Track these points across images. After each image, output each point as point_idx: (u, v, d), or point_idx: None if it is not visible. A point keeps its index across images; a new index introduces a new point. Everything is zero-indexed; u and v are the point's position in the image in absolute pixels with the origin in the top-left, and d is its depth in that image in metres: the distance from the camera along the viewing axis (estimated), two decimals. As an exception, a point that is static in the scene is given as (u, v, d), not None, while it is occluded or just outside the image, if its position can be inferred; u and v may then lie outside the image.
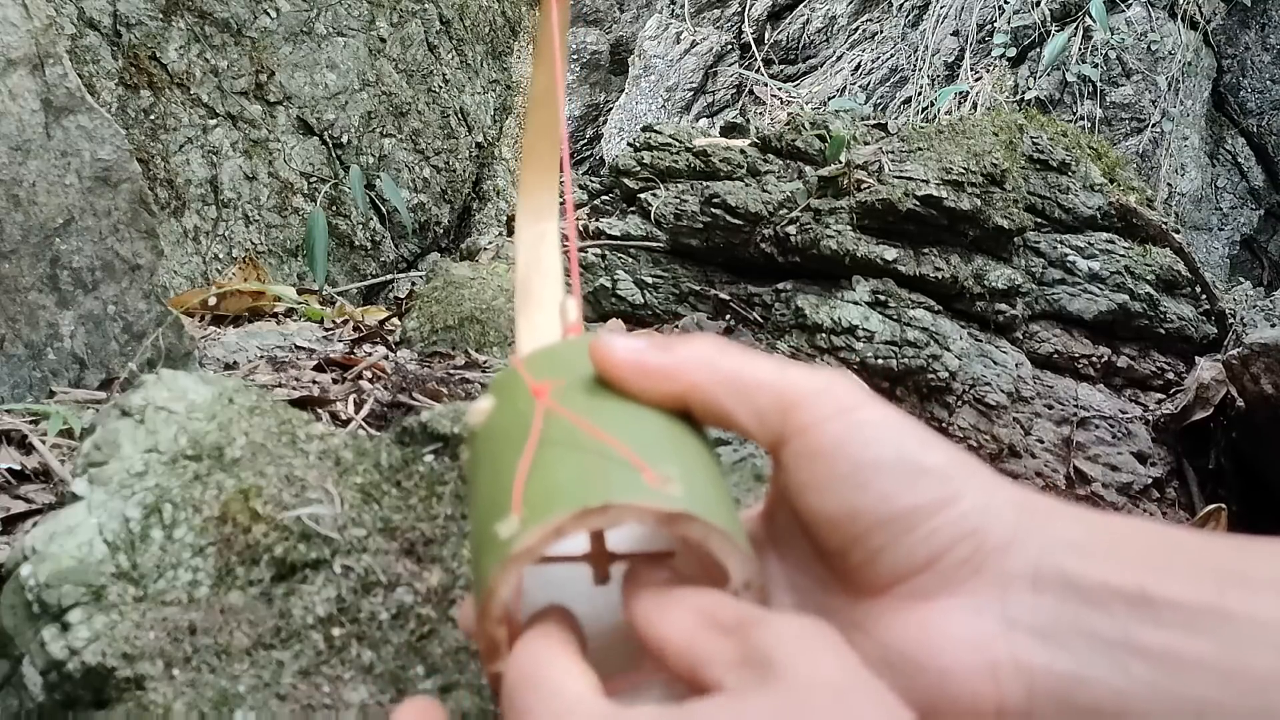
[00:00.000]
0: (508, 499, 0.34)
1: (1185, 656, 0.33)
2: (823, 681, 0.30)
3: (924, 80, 4.96)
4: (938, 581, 0.36)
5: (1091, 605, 0.34)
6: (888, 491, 0.36)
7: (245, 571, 0.58)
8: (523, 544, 0.33)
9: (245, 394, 0.67)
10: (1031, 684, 0.34)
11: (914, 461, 0.36)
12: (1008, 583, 0.35)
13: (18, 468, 0.92)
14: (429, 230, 2.76)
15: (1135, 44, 4.61)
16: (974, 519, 0.36)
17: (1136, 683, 0.33)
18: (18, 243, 1.10)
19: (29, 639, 0.57)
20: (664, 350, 0.37)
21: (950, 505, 0.36)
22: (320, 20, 2.42)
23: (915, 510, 0.36)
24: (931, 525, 0.35)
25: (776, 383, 0.37)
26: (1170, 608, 0.33)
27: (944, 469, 0.36)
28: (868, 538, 0.36)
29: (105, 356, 1.19)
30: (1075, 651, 0.34)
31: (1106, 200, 2.55)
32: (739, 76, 5.52)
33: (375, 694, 0.56)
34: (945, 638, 0.35)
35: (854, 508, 0.36)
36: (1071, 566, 0.35)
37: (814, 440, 0.36)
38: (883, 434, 0.36)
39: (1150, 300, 2.46)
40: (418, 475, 0.64)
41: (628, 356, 0.37)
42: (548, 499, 0.33)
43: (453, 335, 1.56)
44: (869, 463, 0.36)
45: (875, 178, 2.36)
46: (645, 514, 0.33)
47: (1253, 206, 4.90)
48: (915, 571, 0.36)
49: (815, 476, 0.36)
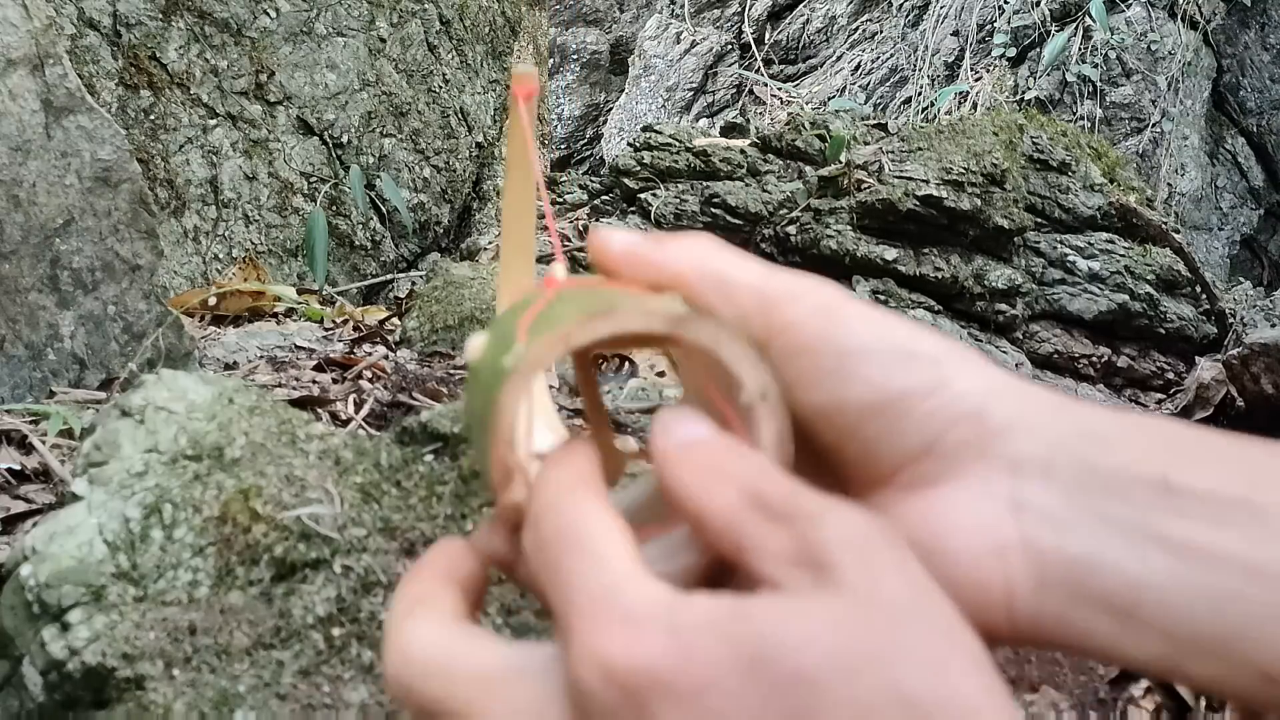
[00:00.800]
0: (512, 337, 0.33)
1: (1208, 548, 0.31)
2: (884, 597, 0.28)
3: (924, 80, 4.96)
4: (940, 467, 0.34)
5: (1109, 492, 0.32)
6: (875, 378, 0.34)
7: (245, 571, 0.58)
8: (531, 354, 0.32)
9: (245, 394, 0.67)
10: (1041, 568, 0.32)
11: (902, 347, 0.35)
12: (1017, 467, 0.33)
13: (18, 468, 0.92)
14: (429, 230, 2.76)
15: (1135, 44, 4.61)
16: (973, 400, 0.34)
17: (1154, 570, 0.32)
18: (18, 243, 1.10)
19: (29, 639, 0.57)
20: (657, 244, 0.37)
21: (945, 387, 0.34)
22: (320, 20, 2.42)
23: (907, 394, 0.34)
24: (926, 408, 0.34)
25: (760, 284, 0.36)
26: (1195, 498, 0.32)
27: (935, 353, 0.35)
28: (860, 427, 0.34)
29: (105, 357, 1.19)
30: (1090, 536, 0.32)
31: (1106, 200, 2.55)
32: (739, 76, 5.52)
33: (375, 694, 0.56)
34: (951, 522, 0.33)
35: (842, 399, 0.34)
36: (1089, 453, 0.33)
37: (796, 336, 0.35)
38: (867, 324, 0.35)
39: (1150, 300, 2.46)
40: (418, 475, 0.64)
41: (622, 246, 0.36)
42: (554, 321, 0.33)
43: (453, 335, 1.56)
44: (854, 351, 0.34)
45: (875, 178, 2.36)
46: (653, 318, 0.33)
47: (1252, 206, 4.90)
48: (915, 458, 0.34)
49: (801, 372, 0.35)
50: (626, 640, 0.28)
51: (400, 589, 0.33)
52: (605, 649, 0.27)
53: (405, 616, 0.32)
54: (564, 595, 0.29)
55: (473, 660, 0.31)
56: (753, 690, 0.27)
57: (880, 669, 0.27)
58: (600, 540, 0.30)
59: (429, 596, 0.33)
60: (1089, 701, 0.71)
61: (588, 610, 0.28)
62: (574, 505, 0.31)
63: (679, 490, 0.31)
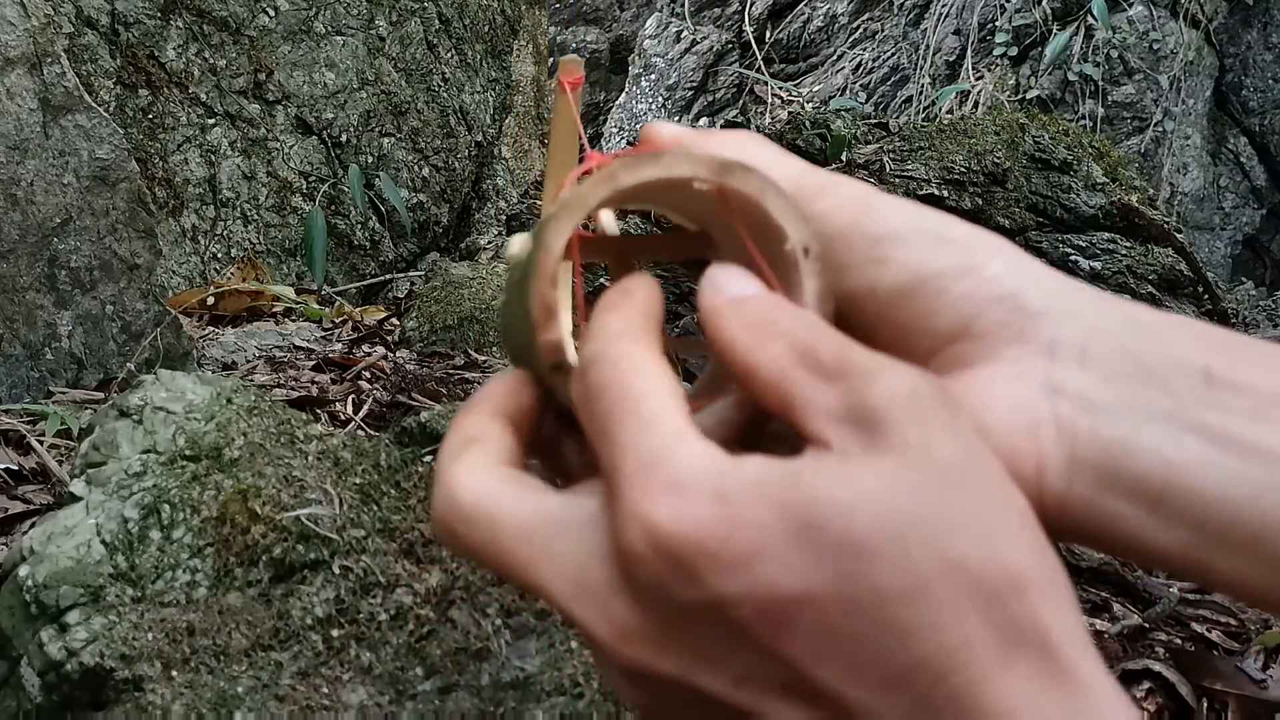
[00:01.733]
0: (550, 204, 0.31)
1: (1248, 439, 0.31)
2: (935, 459, 0.27)
3: (925, 79, 4.96)
4: (975, 348, 0.33)
5: (1149, 379, 0.32)
6: (908, 261, 0.34)
7: (244, 572, 0.58)
8: (579, 191, 0.31)
9: (244, 394, 0.67)
10: (1074, 450, 0.32)
11: (934, 232, 0.34)
12: (1054, 349, 0.33)
13: (15, 468, 0.92)
14: (428, 230, 2.76)
15: (1137, 43, 4.60)
16: (1007, 282, 0.34)
17: (1190, 456, 0.31)
18: (15, 242, 1.10)
19: (27, 640, 0.57)
20: (704, 135, 0.37)
21: (978, 269, 0.34)
22: (319, 19, 2.42)
23: (940, 275, 0.34)
24: (960, 289, 0.33)
25: (798, 176, 0.35)
26: (1237, 390, 0.31)
27: (967, 239, 0.35)
28: (893, 310, 0.34)
29: (103, 356, 1.19)
30: (1125, 420, 0.32)
31: (1108, 200, 2.54)
32: (739, 75, 5.51)
33: (374, 695, 0.56)
34: (985, 402, 0.33)
35: (874, 282, 0.34)
36: (1129, 340, 0.33)
37: (829, 224, 0.34)
38: (898, 212, 0.35)
39: (1152, 300, 2.46)
40: (417, 475, 0.64)
41: (671, 134, 0.37)
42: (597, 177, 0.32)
43: (452, 335, 1.56)
44: (886, 236, 0.34)
45: (876, 177, 2.36)
46: (699, 163, 0.32)
47: (1255, 206, 4.90)
48: (949, 340, 0.34)
49: (833, 257, 0.34)
50: (674, 506, 0.27)
51: (454, 424, 0.33)
52: (652, 515, 0.27)
53: (454, 458, 0.32)
54: (611, 454, 0.29)
55: (518, 511, 0.30)
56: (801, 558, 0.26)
57: (929, 534, 0.26)
58: (649, 398, 0.29)
59: (480, 436, 0.32)
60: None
61: (635, 473, 0.28)
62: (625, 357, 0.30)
63: (728, 345, 0.30)
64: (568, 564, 0.29)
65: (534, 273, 0.32)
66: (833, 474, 0.27)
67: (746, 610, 0.27)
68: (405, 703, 0.56)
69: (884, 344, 0.33)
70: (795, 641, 0.27)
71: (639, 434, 0.29)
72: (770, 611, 0.27)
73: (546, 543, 0.30)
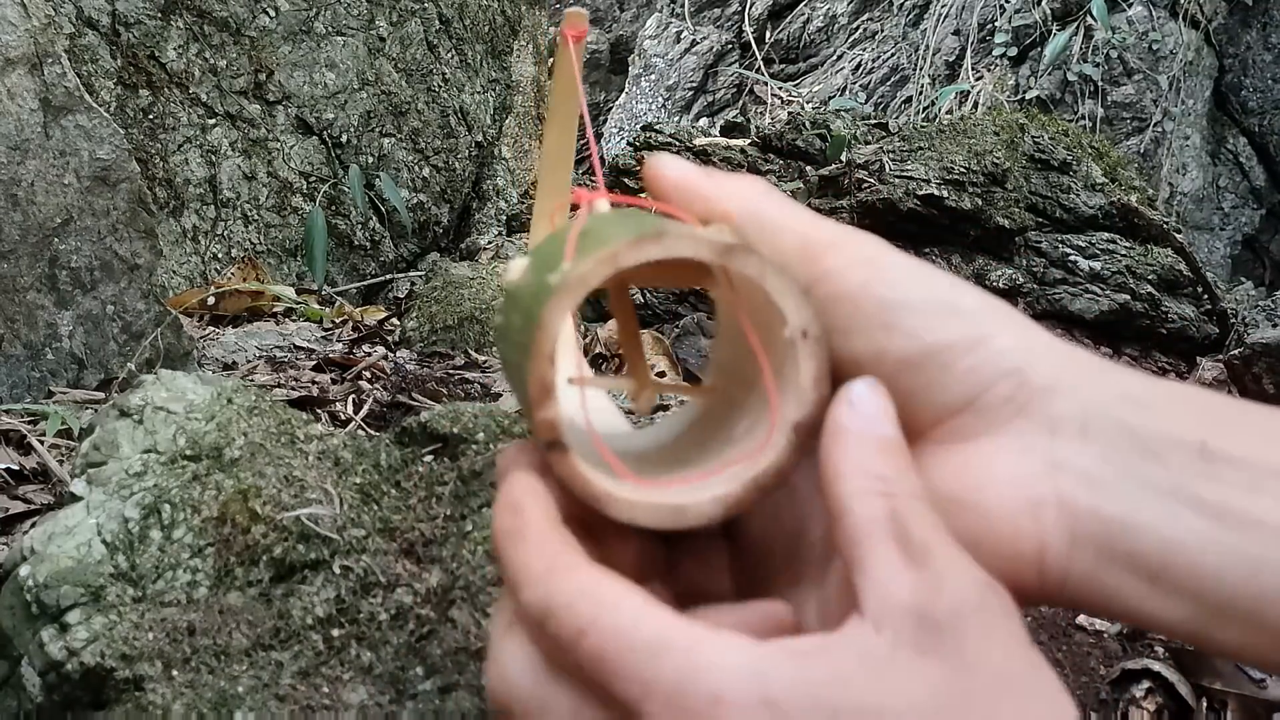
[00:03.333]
0: (560, 258, 0.32)
1: (1244, 512, 0.31)
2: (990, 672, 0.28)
3: (925, 79, 4.96)
4: (979, 422, 0.34)
5: (1146, 454, 0.32)
6: (917, 329, 0.34)
7: (244, 572, 0.58)
8: (579, 270, 0.32)
9: (244, 394, 0.67)
10: (1075, 526, 0.32)
11: (944, 300, 0.35)
12: (1055, 425, 0.33)
13: (16, 468, 0.92)
14: (428, 230, 2.76)
15: (1136, 43, 4.60)
16: (1014, 357, 0.34)
17: (1188, 532, 0.31)
18: (16, 242, 1.10)
19: (28, 640, 0.57)
20: (709, 177, 0.37)
21: (985, 343, 0.34)
22: (319, 19, 2.42)
23: (948, 347, 0.34)
24: (967, 363, 0.34)
25: (805, 230, 0.36)
26: (1232, 464, 0.32)
27: (977, 309, 0.35)
28: (899, 379, 0.34)
29: (104, 356, 1.19)
30: (1124, 497, 0.32)
31: (1108, 200, 2.54)
32: (739, 76, 5.51)
33: (375, 694, 0.56)
34: (988, 476, 0.33)
35: (881, 349, 0.34)
36: (1127, 415, 0.33)
37: (838, 284, 0.35)
38: (909, 276, 0.35)
39: (1152, 300, 2.46)
40: (417, 475, 0.64)
41: (676, 173, 0.37)
42: (601, 242, 0.32)
43: (452, 335, 1.56)
44: (896, 302, 0.34)
45: (876, 177, 2.36)
46: (701, 245, 0.32)
47: (1254, 206, 4.90)
48: (954, 412, 0.34)
49: (840, 320, 0.34)
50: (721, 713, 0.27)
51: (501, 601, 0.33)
52: None
53: (504, 635, 0.32)
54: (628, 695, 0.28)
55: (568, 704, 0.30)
56: None
57: None
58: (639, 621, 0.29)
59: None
60: (1090, 702, 0.71)
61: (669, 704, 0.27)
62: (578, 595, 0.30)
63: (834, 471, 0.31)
64: None
65: (531, 351, 0.32)
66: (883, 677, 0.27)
67: None
68: (406, 702, 0.56)
69: None
70: None
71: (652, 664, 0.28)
72: None
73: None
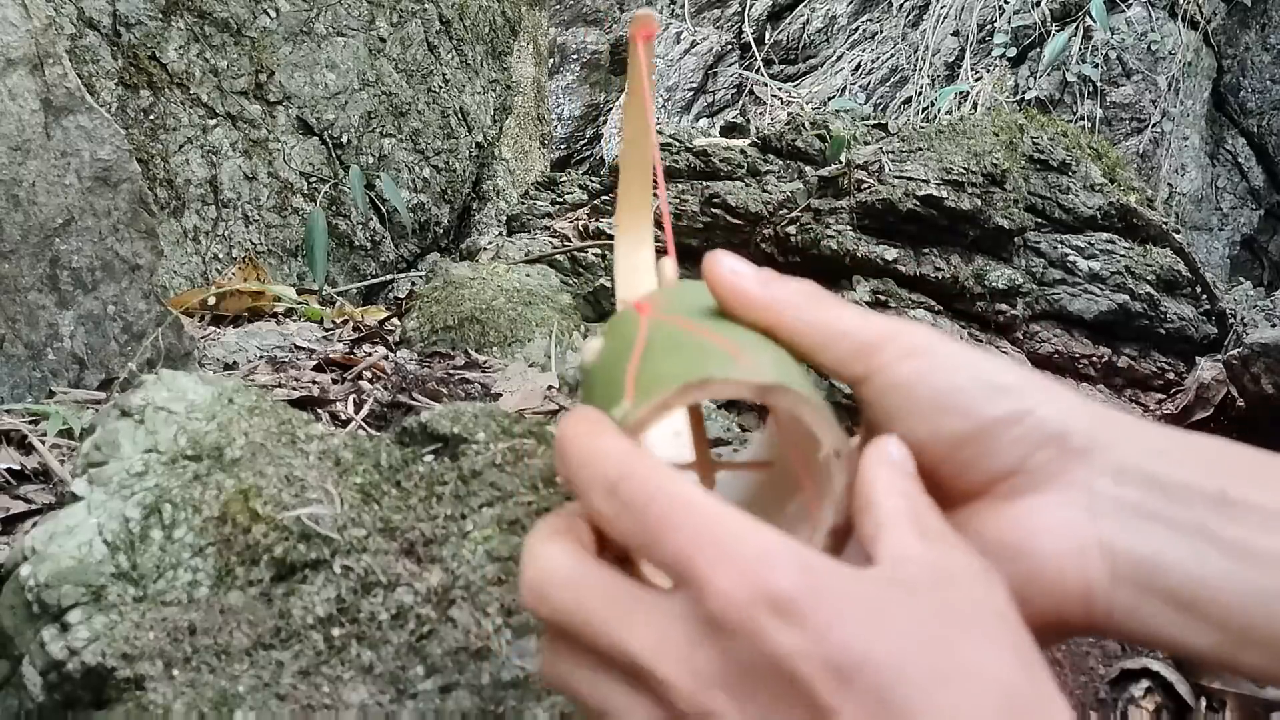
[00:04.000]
0: (621, 390, 0.38)
1: (1260, 551, 0.36)
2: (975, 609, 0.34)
3: (924, 80, 4.96)
4: (1026, 482, 0.39)
5: (1172, 500, 0.38)
6: (968, 410, 0.39)
7: (245, 572, 0.58)
8: (635, 418, 0.37)
9: (245, 394, 0.67)
10: (1114, 566, 0.38)
11: (990, 381, 0.40)
12: (1092, 480, 0.39)
13: (17, 468, 0.92)
14: (429, 230, 2.76)
15: (1135, 44, 4.60)
16: (1054, 425, 0.39)
17: (1211, 570, 0.36)
18: (17, 243, 1.10)
19: (28, 639, 0.57)
20: (762, 283, 0.41)
21: (1029, 415, 0.39)
22: (320, 20, 2.42)
23: (996, 423, 0.39)
24: (1014, 434, 0.39)
25: (855, 330, 0.41)
26: (1248, 508, 0.37)
27: (1019, 385, 0.40)
28: (954, 454, 0.40)
29: (105, 356, 1.19)
30: (1155, 538, 0.37)
31: (1107, 200, 2.54)
32: (739, 76, 5.51)
33: (375, 694, 0.56)
34: (1037, 527, 0.39)
35: (937, 429, 0.40)
36: (1154, 468, 0.38)
37: (892, 375, 0.40)
38: (957, 362, 0.40)
39: (1151, 300, 2.46)
40: (418, 475, 0.64)
41: (730, 276, 0.41)
42: (655, 382, 0.37)
43: (452, 335, 1.56)
44: (947, 388, 0.40)
45: (875, 178, 2.36)
46: (742, 387, 0.37)
47: (1253, 206, 4.90)
48: (1004, 477, 0.40)
49: (898, 406, 0.40)
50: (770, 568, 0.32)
51: (541, 521, 0.38)
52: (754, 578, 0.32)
53: (545, 540, 0.36)
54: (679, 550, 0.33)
55: (601, 582, 0.35)
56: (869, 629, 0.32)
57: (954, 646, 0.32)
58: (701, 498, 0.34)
59: (566, 529, 0.37)
60: (1089, 702, 0.71)
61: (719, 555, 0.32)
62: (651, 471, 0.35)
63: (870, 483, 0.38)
64: (648, 627, 0.33)
65: None
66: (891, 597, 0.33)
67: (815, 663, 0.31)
68: (406, 701, 0.56)
69: (945, 477, 0.40)
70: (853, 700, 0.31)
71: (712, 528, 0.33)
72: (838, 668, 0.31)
73: (628, 608, 0.34)
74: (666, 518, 0.33)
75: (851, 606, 0.32)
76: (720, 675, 0.32)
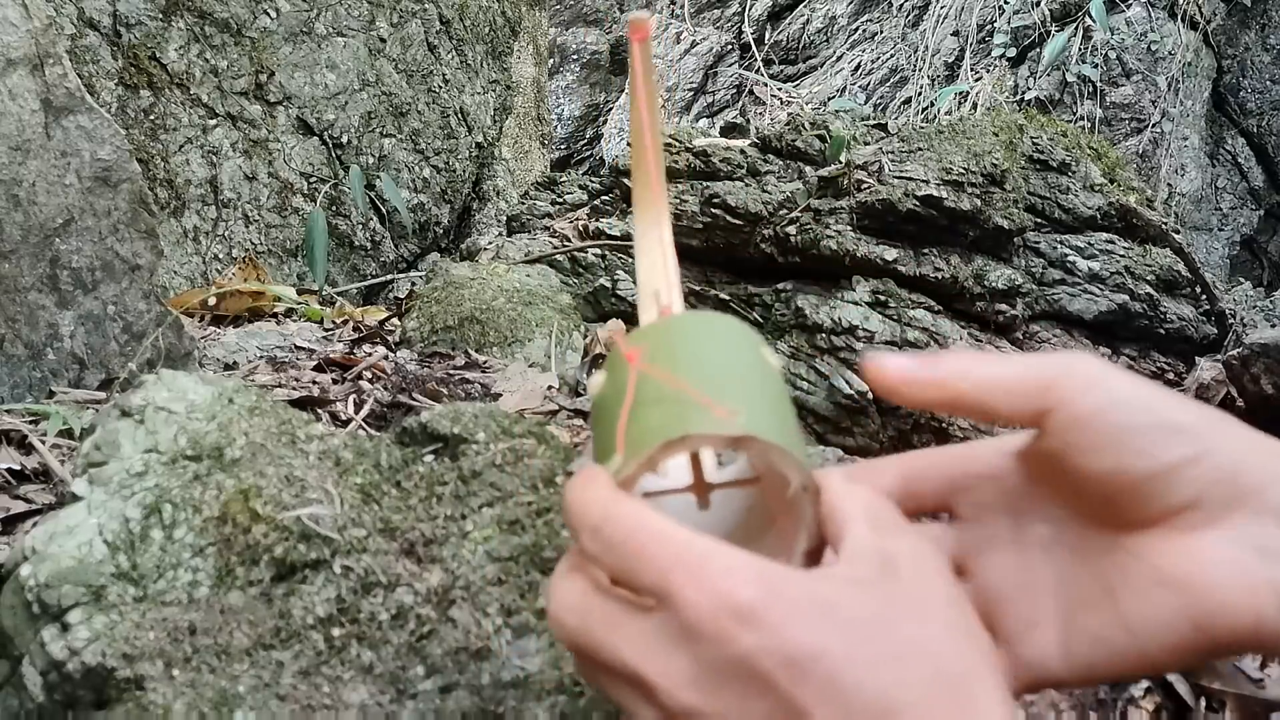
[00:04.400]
0: (614, 443, 0.43)
1: None
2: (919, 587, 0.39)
3: (924, 80, 4.96)
4: (1200, 517, 0.42)
5: None
6: (1147, 450, 0.42)
7: (245, 572, 0.58)
8: (624, 474, 0.42)
9: (245, 394, 0.67)
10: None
11: (1168, 421, 0.42)
12: (1265, 518, 0.41)
13: (18, 468, 0.92)
14: (429, 230, 2.76)
15: (1135, 44, 4.61)
16: (1229, 464, 0.42)
17: None
18: (17, 243, 1.10)
19: (29, 639, 0.57)
20: (929, 367, 0.46)
21: (1206, 457, 0.42)
22: (320, 20, 2.42)
23: (1174, 465, 0.42)
24: (1191, 474, 0.42)
25: (1030, 376, 0.44)
26: None
27: (1195, 425, 0.42)
28: (1134, 489, 0.42)
29: (105, 357, 1.19)
30: None
31: (1106, 200, 2.55)
32: (739, 76, 5.52)
33: (375, 694, 0.56)
34: (1209, 562, 0.41)
35: (1117, 466, 0.42)
36: None
37: (1073, 411, 0.43)
38: (1135, 400, 0.43)
39: (1150, 300, 2.46)
40: (418, 475, 0.64)
41: (899, 373, 0.46)
42: (642, 438, 0.42)
43: (452, 335, 1.56)
44: (1126, 427, 0.42)
45: (875, 178, 2.36)
46: (716, 440, 0.42)
47: (1253, 207, 4.90)
48: (1179, 511, 0.42)
49: (1079, 441, 0.43)
50: (733, 582, 0.37)
51: (561, 559, 0.43)
52: (718, 587, 0.37)
53: (560, 577, 0.42)
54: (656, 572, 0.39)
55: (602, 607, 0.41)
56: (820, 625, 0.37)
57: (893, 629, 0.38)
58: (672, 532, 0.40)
59: (579, 565, 0.42)
60: (1089, 702, 0.71)
61: (691, 574, 0.38)
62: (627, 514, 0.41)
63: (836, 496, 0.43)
64: (636, 640, 0.39)
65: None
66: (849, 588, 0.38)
67: (775, 659, 0.36)
68: (406, 702, 0.56)
69: (1122, 509, 0.43)
70: (807, 687, 0.36)
71: (681, 553, 0.39)
72: (794, 661, 0.36)
73: (620, 626, 0.40)
74: (644, 549, 0.39)
75: (804, 608, 0.37)
76: (695, 676, 0.38)
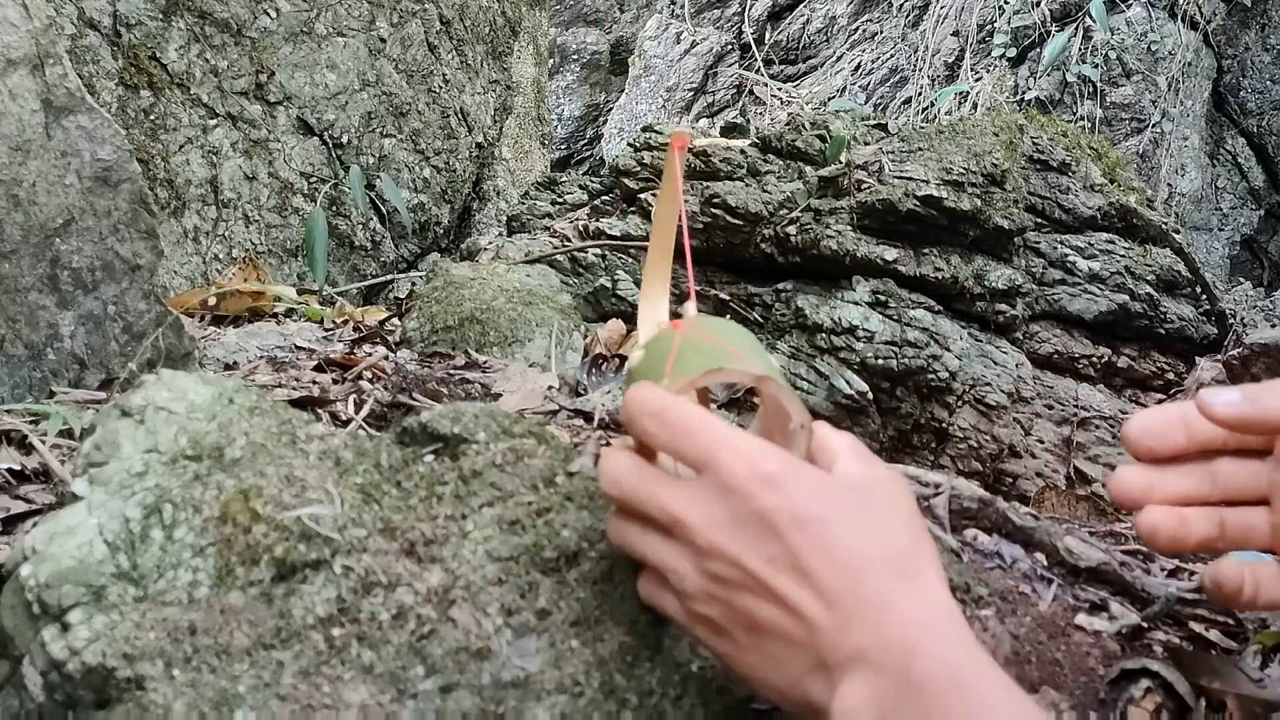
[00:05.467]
0: (662, 375, 0.58)
1: None
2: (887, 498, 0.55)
3: (924, 80, 4.96)
4: None
5: None
6: None
7: (245, 572, 0.58)
8: (670, 387, 0.57)
9: (245, 394, 0.67)
10: None
11: None
12: None
13: (18, 468, 0.92)
14: (429, 230, 2.76)
15: (1135, 44, 4.61)
16: None
17: None
18: (18, 243, 1.10)
19: (29, 639, 0.57)
20: (1255, 403, 0.57)
21: None
22: (320, 20, 2.42)
23: None
24: None
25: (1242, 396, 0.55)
26: None
27: None
28: None
29: (105, 357, 1.19)
30: None
31: (1107, 200, 2.55)
32: (739, 77, 5.52)
33: (375, 694, 0.56)
34: None
35: None
36: None
37: None
38: None
39: (1150, 300, 2.46)
40: (418, 475, 0.64)
41: (1228, 410, 0.57)
42: (685, 369, 0.57)
43: (453, 335, 1.56)
44: None
45: (875, 178, 2.36)
46: (744, 376, 0.57)
47: (1253, 207, 4.90)
48: None
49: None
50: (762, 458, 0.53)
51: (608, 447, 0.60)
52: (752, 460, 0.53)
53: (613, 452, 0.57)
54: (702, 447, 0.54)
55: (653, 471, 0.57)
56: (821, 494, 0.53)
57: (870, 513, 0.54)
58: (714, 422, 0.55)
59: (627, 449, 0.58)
60: (1089, 702, 0.71)
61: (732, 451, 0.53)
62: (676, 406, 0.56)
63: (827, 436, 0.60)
64: (681, 494, 0.54)
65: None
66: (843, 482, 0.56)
67: (785, 516, 0.52)
68: (406, 702, 0.56)
69: None
70: (805, 539, 0.52)
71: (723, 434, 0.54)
72: (799, 519, 0.52)
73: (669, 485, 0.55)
74: (695, 430, 0.54)
75: (811, 485, 0.53)
76: (725, 522, 0.52)
